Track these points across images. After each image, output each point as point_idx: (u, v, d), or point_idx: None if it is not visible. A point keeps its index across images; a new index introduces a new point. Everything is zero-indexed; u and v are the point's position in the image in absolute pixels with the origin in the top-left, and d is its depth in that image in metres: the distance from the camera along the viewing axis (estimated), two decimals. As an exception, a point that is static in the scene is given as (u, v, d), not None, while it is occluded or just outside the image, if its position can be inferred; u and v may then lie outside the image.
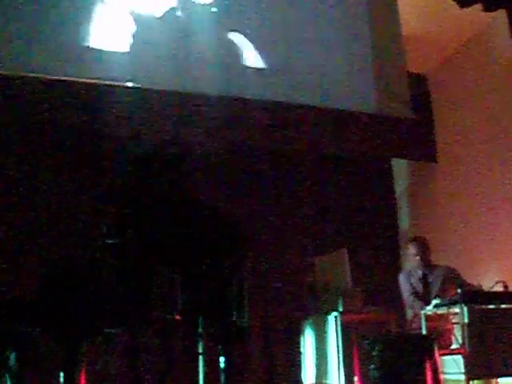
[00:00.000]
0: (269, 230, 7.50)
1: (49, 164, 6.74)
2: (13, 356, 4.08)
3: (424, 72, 7.93)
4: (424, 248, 5.39)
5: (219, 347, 4.54)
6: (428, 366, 4.33)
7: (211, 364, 4.42)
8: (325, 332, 4.81)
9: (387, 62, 6.95)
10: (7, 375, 4.08)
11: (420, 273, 5.21)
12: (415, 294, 5.29)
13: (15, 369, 4.07)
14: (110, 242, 4.14)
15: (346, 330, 4.72)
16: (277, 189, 7.71)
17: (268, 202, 7.60)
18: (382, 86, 6.83)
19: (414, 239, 5.81)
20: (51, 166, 6.75)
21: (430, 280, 5.12)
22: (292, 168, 7.82)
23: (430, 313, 4.98)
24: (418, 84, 7.70)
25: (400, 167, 8.41)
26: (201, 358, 4.31)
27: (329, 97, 6.64)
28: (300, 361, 5.28)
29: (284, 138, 6.84)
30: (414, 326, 5.15)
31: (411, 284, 5.28)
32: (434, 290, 5.05)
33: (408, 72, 7.17)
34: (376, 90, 6.83)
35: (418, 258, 5.39)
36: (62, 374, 3.66)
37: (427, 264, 5.24)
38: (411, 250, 5.40)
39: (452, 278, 5.16)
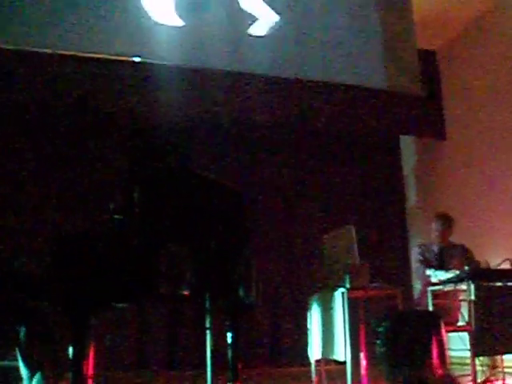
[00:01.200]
0: (277, 206, 7.52)
1: (59, 140, 6.78)
2: (23, 330, 4.12)
3: (433, 48, 7.86)
4: (445, 225, 5.37)
5: (226, 322, 4.59)
6: (434, 342, 4.34)
7: (218, 339, 4.46)
8: (332, 308, 4.82)
9: (397, 38, 6.90)
10: (17, 349, 4.13)
11: (436, 248, 5.21)
12: (427, 264, 5.28)
13: (25, 343, 4.11)
14: (117, 217, 4.15)
15: (353, 306, 4.74)
16: (285, 164, 7.71)
17: (277, 178, 7.61)
18: (391, 62, 6.79)
19: (438, 215, 5.80)
20: (60, 142, 6.78)
21: (445, 257, 5.12)
22: (300, 144, 7.81)
23: (436, 289, 4.99)
24: (428, 61, 7.64)
25: (408, 144, 8.38)
26: (208, 332, 4.34)
27: (338, 73, 6.61)
28: (307, 336, 5.31)
29: (292, 114, 6.82)
30: (421, 302, 5.16)
31: (425, 257, 5.28)
32: (450, 266, 5.05)
33: (417, 48, 7.12)
34: (386, 67, 6.79)
35: (437, 233, 5.37)
36: (70, 348, 3.70)
37: (445, 241, 5.24)
38: (433, 224, 5.40)
39: (466, 257, 5.15)
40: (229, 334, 4.57)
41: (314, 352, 5.18)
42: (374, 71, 6.78)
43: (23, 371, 4.13)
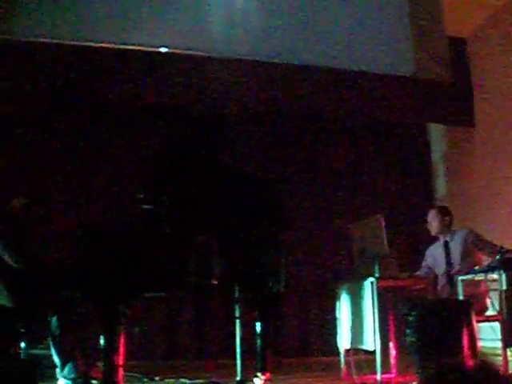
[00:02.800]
0: (306, 196, 7.51)
1: (89, 131, 6.84)
2: (54, 320, 4.18)
3: (462, 35, 7.75)
4: (443, 214, 5.27)
5: (255, 312, 4.60)
6: (465, 331, 4.31)
7: (247, 329, 4.48)
8: (361, 297, 4.81)
9: (427, 25, 6.82)
10: (50, 338, 4.20)
11: (442, 240, 5.14)
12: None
13: (57, 332, 4.17)
14: (146, 207, 4.18)
15: (382, 296, 4.72)
16: (313, 154, 7.69)
17: (305, 168, 7.59)
18: (421, 49, 6.72)
19: (433, 207, 5.74)
20: (90, 133, 6.85)
21: (451, 246, 5.05)
22: (328, 133, 7.78)
23: (466, 279, 4.94)
24: (457, 47, 7.54)
25: (437, 132, 8.29)
26: (237, 322, 4.35)
27: (367, 61, 6.57)
28: (336, 326, 5.30)
29: (321, 104, 6.79)
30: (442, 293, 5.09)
31: (433, 255, 5.21)
32: (455, 255, 4.98)
33: (447, 35, 7.03)
34: (415, 54, 6.73)
35: (437, 224, 5.27)
36: (102, 338, 3.74)
37: (447, 229, 5.16)
38: (430, 217, 5.29)
39: (474, 240, 5.06)
40: (258, 324, 4.59)
41: (343, 342, 5.18)
42: (403, 59, 6.72)
43: (56, 359, 4.20)
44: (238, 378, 4.35)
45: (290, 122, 7.47)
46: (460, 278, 4.72)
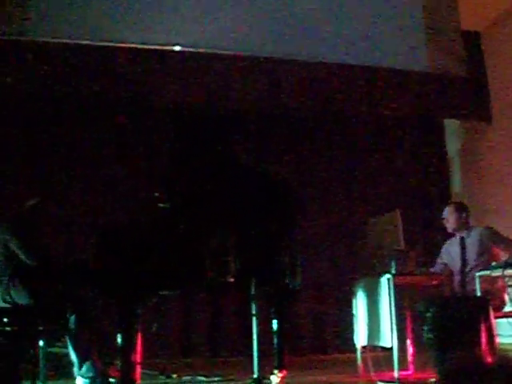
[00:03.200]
0: (321, 192, 7.49)
1: (106, 131, 6.87)
2: (72, 318, 4.20)
3: (477, 29, 7.69)
4: (459, 211, 5.22)
5: (272, 309, 4.60)
6: (483, 327, 4.28)
7: (263, 326, 4.47)
8: (378, 294, 4.79)
9: (441, 19, 6.78)
10: (68, 337, 4.22)
11: (458, 237, 5.09)
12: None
13: (75, 331, 4.19)
14: (162, 206, 4.19)
15: (399, 292, 4.69)
16: (329, 150, 7.67)
17: (320, 164, 7.58)
18: (435, 44, 6.68)
19: (449, 203, 5.67)
20: (107, 132, 6.88)
21: (468, 243, 4.99)
22: (344, 129, 7.76)
23: (483, 274, 4.89)
24: (472, 42, 7.48)
25: (453, 127, 8.24)
26: (254, 319, 4.35)
27: (381, 56, 6.54)
28: (352, 323, 5.29)
29: (335, 99, 6.77)
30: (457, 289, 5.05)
31: (449, 252, 5.17)
32: (471, 252, 4.92)
33: (461, 29, 6.99)
34: (429, 49, 6.69)
35: (454, 221, 5.21)
36: (119, 336, 3.75)
37: (464, 226, 5.11)
38: (446, 213, 5.24)
39: (490, 237, 5.01)
40: (274, 321, 4.59)
41: (360, 339, 5.16)
42: (417, 54, 6.69)
43: (73, 358, 4.22)
44: (255, 376, 4.34)
45: (305, 118, 7.46)
46: (477, 274, 4.68)
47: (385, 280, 4.66)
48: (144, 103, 6.59)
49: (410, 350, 4.94)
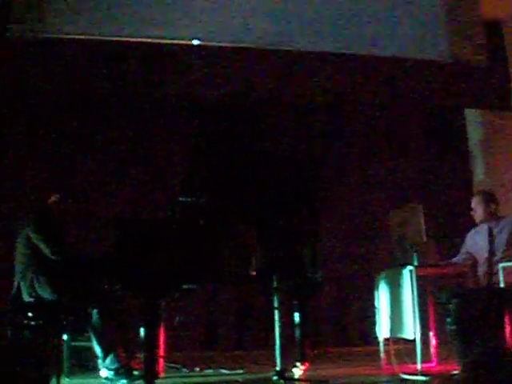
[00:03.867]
0: (342, 184, 7.46)
1: (126, 125, 6.90)
2: (95, 312, 4.23)
3: (499, 18, 7.61)
4: (488, 201, 5.15)
5: (294, 302, 4.60)
6: (506, 319, 4.25)
7: (285, 319, 4.47)
8: (400, 286, 4.77)
9: (462, 8, 6.72)
10: (91, 331, 4.25)
11: (486, 227, 5.03)
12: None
13: (98, 325, 4.22)
14: (183, 200, 4.20)
15: (422, 284, 4.67)
16: (349, 141, 7.63)
17: (340, 155, 7.55)
18: (456, 33, 6.63)
19: (478, 192, 5.59)
20: (127, 127, 6.91)
21: (496, 234, 4.93)
22: (365, 119, 7.71)
23: (507, 266, 4.85)
24: (493, 31, 7.40)
25: (474, 117, 8.16)
26: (276, 312, 4.35)
27: (402, 46, 6.51)
28: (374, 315, 5.27)
29: (354, 89, 6.76)
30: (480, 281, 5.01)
31: (474, 241, 5.10)
32: (501, 242, 4.86)
33: (482, 19, 6.92)
34: (450, 38, 6.64)
35: (481, 211, 5.15)
36: (142, 329, 3.77)
37: (493, 217, 5.04)
38: (474, 203, 5.18)
39: None
40: (296, 314, 4.60)
41: (382, 331, 5.14)
42: (438, 44, 6.65)
43: (97, 351, 4.26)
44: (278, 368, 4.35)
45: (325, 109, 7.43)
46: (501, 265, 4.64)
47: (407, 271, 4.64)
48: (163, 97, 6.60)
49: (433, 341, 4.92)
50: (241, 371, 5.07)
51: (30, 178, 6.50)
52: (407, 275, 4.63)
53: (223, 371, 5.10)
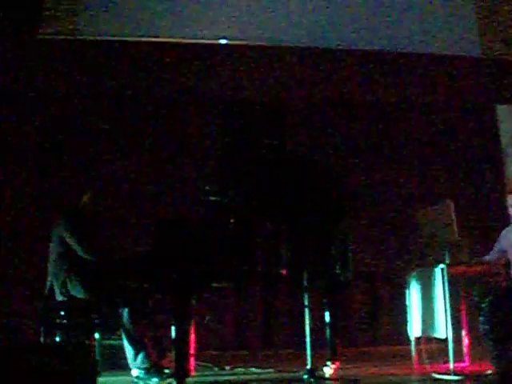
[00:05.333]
0: (372, 182, 7.41)
1: (155, 125, 6.95)
2: (126, 311, 4.26)
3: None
4: None
5: (324, 301, 4.58)
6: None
7: (316, 317, 4.46)
8: (431, 285, 4.72)
9: (493, 4, 6.64)
10: (122, 329, 4.28)
11: None
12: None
13: (129, 323, 4.25)
14: (213, 199, 4.21)
15: (454, 283, 4.62)
16: (379, 140, 7.58)
17: (371, 154, 7.49)
18: (487, 29, 6.55)
19: None
20: (157, 127, 6.96)
21: None
22: (393, 118, 7.65)
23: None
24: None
25: (506, 113, 8.04)
26: (307, 311, 4.33)
27: (433, 43, 6.47)
28: (406, 314, 5.23)
29: (385, 88, 6.72)
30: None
31: (509, 239, 5.01)
32: None
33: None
34: (482, 34, 6.57)
35: None
36: (173, 328, 3.79)
37: None
38: (509, 202, 5.10)
39: None
40: (327, 313, 4.58)
41: (414, 330, 5.10)
42: (470, 40, 6.57)
43: (128, 350, 4.28)
44: (308, 367, 4.34)
45: (356, 108, 7.39)
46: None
47: (439, 270, 4.59)
48: (194, 97, 6.63)
49: (466, 341, 4.86)
50: (271, 370, 5.07)
51: (63, 178, 6.57)
52: (439, 274, 4.59)
53: (254, 370, 5.10)
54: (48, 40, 6.23)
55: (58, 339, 4.26)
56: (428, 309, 4.82)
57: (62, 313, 4.29)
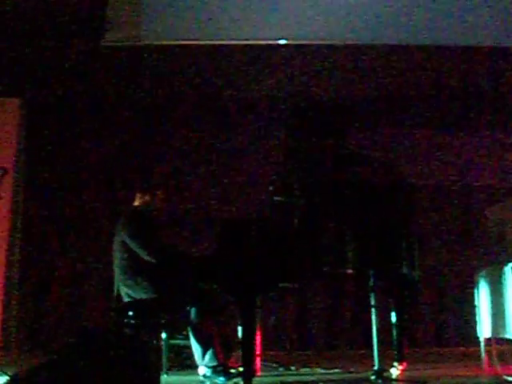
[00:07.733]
0: (438, 181, 7.28)
1: (219, 128, 7.02)
2: (193, 311, 4.31)
3: None
4: None
5: (390, 301, 4.53)
6: None
7: (383, 317, 4.41)
8: (501, 284, 4.61)
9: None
10: (189, 328, 4.33)
11: None
12: None
13: (197, 323, 4.30)
14: (277, 199, 4.22)
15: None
16: (440, 138, 7.45)
17: (435, 153, 7.37)
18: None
19: None
20: (220, 129, 7.02)
21: None
22: (453, 113, 7.50)
23: None
24: None
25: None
26: (373, 310, 4.30)
27: (481, 35, 6.35)
28: (474, 314, 5.12)
29: (433, 81, 6.63)
30: None
31: None
32: None
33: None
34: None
35: None
36: (240, 328, 3.81)
37: None
38: None
39: None
40: (393, 313, 4.53)
41: (484, 330, 4.99)
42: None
43: (195, 348, 4.33)
44: (375, 368, 4.30)
45: (413, 104, 7.29)
46: None
47: (509, 269, 4.49)
48: (257, 97, 6.66)
49: (539, 341, 4.73)
50: (337, 370, 5.04)
51: (122, 180, 6.70)
52: (509, 273, 4.48)
53: (320, 370, 5.08)
54: (112, 47, 6.36)
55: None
56: (498, 309, 4.71)
57: (130, 313, 4.36)
